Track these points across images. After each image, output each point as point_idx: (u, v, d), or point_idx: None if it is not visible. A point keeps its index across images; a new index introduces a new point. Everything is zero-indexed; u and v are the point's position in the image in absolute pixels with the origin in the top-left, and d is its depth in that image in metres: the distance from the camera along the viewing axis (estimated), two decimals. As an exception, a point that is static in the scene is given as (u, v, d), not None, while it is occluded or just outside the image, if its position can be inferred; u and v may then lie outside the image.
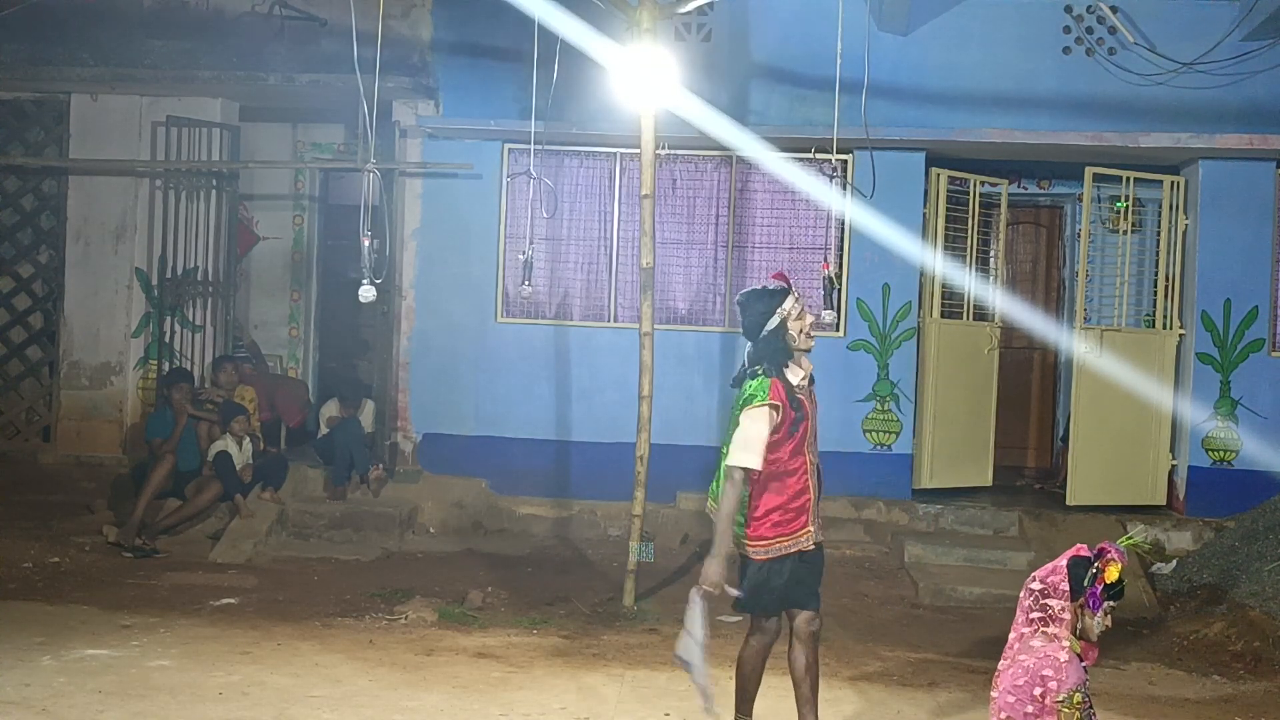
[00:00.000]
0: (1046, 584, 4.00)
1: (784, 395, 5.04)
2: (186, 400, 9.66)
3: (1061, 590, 3.97)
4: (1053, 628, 3.96)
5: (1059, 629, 3.95)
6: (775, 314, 5.07)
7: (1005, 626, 8.36)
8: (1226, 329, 9.89)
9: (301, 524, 9.75)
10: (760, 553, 5.14)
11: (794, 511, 5.12)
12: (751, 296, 5.18)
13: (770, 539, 5.12)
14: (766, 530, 5.12)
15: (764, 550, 5.14)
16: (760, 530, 5.13)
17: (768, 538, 5.12)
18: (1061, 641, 3.93)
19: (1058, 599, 3.97)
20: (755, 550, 5.15)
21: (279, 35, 10.27)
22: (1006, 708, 3.94)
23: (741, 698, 5.35)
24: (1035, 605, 4.01)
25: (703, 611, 5.04)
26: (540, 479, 10.20)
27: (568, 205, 10.36)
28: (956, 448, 10.24)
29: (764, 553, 5.14)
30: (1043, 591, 4.00)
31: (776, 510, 5.11)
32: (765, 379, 5.05)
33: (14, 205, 11.19)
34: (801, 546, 5.14)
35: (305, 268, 12.07)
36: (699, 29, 10.05)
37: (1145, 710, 6.48)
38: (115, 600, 7.75)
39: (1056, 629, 3.95)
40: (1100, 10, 9.75)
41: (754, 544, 5.15)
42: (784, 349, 5.08)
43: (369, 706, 5.98)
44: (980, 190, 10.39)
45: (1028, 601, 4.04)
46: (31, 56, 10.45)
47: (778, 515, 5.11)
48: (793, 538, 5.13)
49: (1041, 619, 3.98)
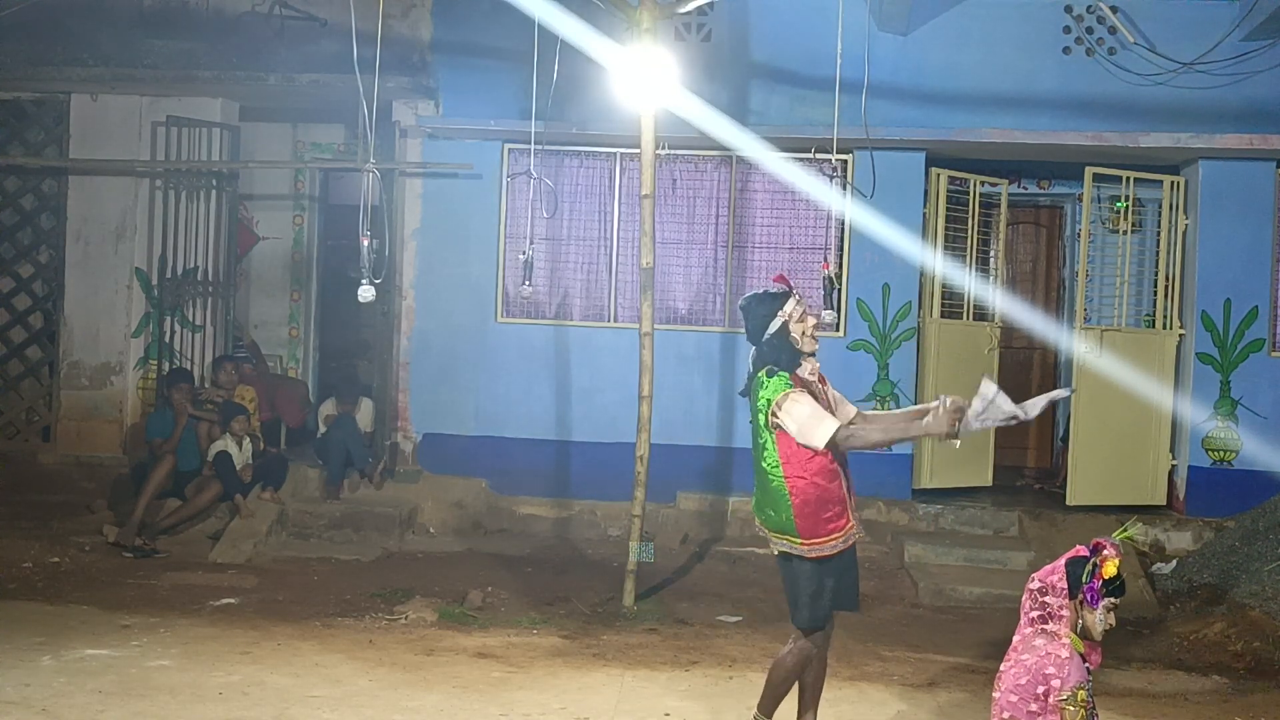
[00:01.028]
0: (1045, 582, 4.00)
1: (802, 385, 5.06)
2: (187, 400, 9.66)
3: (1059, 588, 3.97)
4: (1052, 625, 3.95)
5: (1059, 626, 3.95)
6: (777, 316, 5.07)
7: (1005, 626, 8.35)
8: (1226, 329, 9.89)
9: (301, 524, 9.75)
10: (815, 550, 5.06)
11: (839, 505, 5.08)
12: (753, 300, 5.17)
13: (824, 537, 5.06)
14: (813, 525, 5.04)
15: (819, 548, 5.06)
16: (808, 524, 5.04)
17: (822, 535, 5.06)
18: (1062, 639, 3.93)
19: (1055, 596, 3.97)
20: (812, 549, 5.07)
21: (279, 35, 10.27)
22: (1009, 707, 3.94)
23: (770, 699, 5.29)
24: (1034, 604, 4.01)
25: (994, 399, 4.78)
26: (540, 479, 10.20)
27: (568, 205, 10.36)
28: (956, 448, 10.21)
29: (818, 550, 5.06)
30: (1040, 590, 4.01)
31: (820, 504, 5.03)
32: (784, 374, 5.05)
33: (14, 205, 11.19)
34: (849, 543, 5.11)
35: (305, 268, 12.07)
36: (699, 29, 10.05)
37: (1145, 710, 6.48)
38: (115, 600, 7.75)
39: (1056, 626, 3.95)
40: (1100, 10, 9.75)
41: (810, 543, 5.06)
42: (790, 351, 5.08)
43: (369, 706, 5.98)
44: (980, 190, 10.39)
45: (1027, 603, 4.05)
46: (31, 56, 10.45)
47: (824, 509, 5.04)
48: (844, 533, 5.10)
49: (1040, 617, 3.98)
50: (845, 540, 5.11)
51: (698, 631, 7.64)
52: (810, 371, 5.16)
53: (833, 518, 5.07)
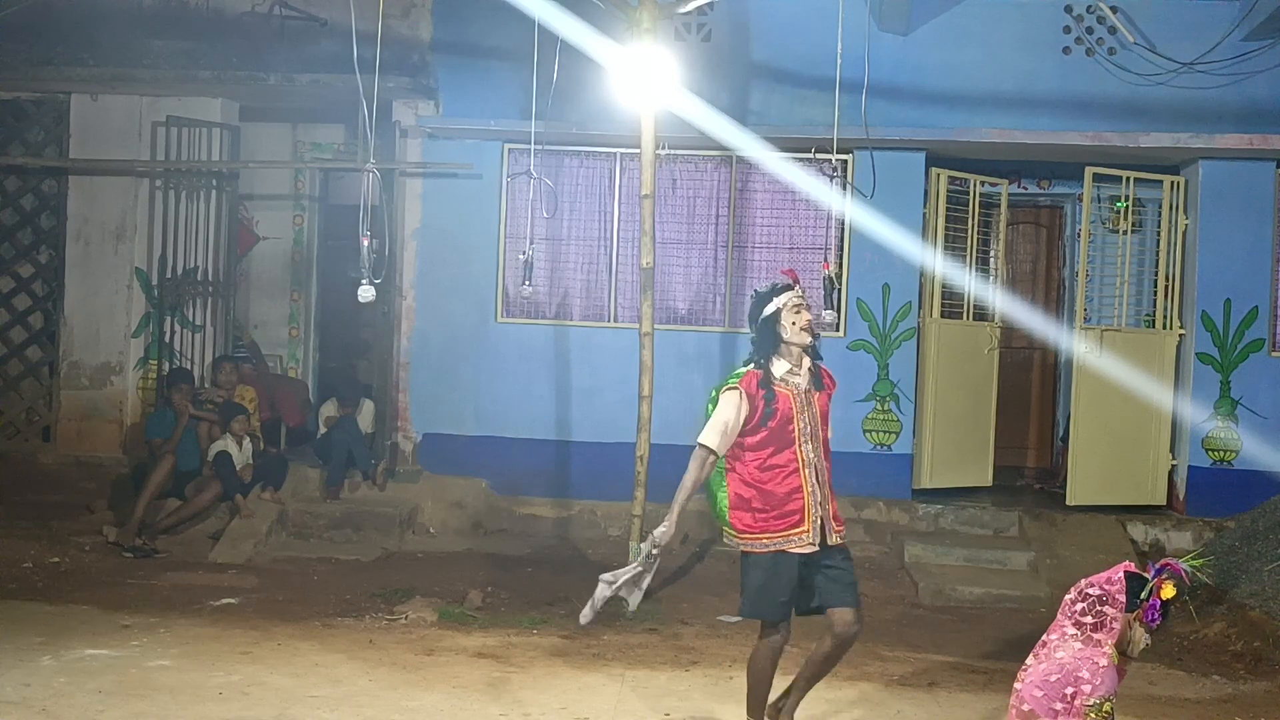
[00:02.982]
0: (1105, 591, 3.97)
1: (755, 386, 5.09)
2: (187, 400, 9.66)
3: (1119, 600, 3.95)
4: (1101, 634, 3.93)
5: (1106, 636, 3.93)
6: (773, 302, 5.16)
7: (1005, 626, 8.38)
8: (1226, 329, 9.90)
9: (301, 524, 9.75)
10: (746, 545, 5.12)
11: (780, 508, 5.08)
12: (760, 289, 5.30)
13: (755, 532, 5.09)
14: (748, 520, 5.09)
15: (749, 543, 5.11)
16: (741, 519, 5.11)
17: (752, 530, 5.09)
18: (1104, 648, 3.91)
19: (1114, 608, 3.95)
20: (742, 541, 5.15)
21: (279, 35, 10.28)
22: (1032, 700, 3.92)
23: (753, 700, 5.32)
24: (1090, 610, 3.98)
25: (635, 570, 5.18)
26: (540, 479, 10.20)
27: (568, 205, 10.36)
28: (956, 448, 10.24)
29: (749, 545, 5.11)
30: (1100, 598, 3.97)
31: (756, 500, 5.09)
32: (744, 368, 5.17)
33: (14, 205, 11.18)
34: (798, 547, 5.08)
35: (305, 268, 12.07)
36: (699, 29, 10.05)
37: (1145, 710, 6.48)
38: (115, 600, 7.75)
39: (1103, 636, 3.93)
40: (1100, 10, 9.75)
41: (739, 534, 5.15)
42: (774, 339, 5.14)
43: (369, 706, 5.98)
44: (980, 190, 10.39)
45: (1080, 605, 4.00)
46: (31, 56, 10.45)
47: (759, 504, 5.08)
48: (783, 535, 5.08)
49: (1093, 624, 3.96)
50: (785, 543, 5.08)
51: (698, 631, 7.64)
52: (792, 371, 5.15)
53: (770, 517, 5.08)
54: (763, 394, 5.08)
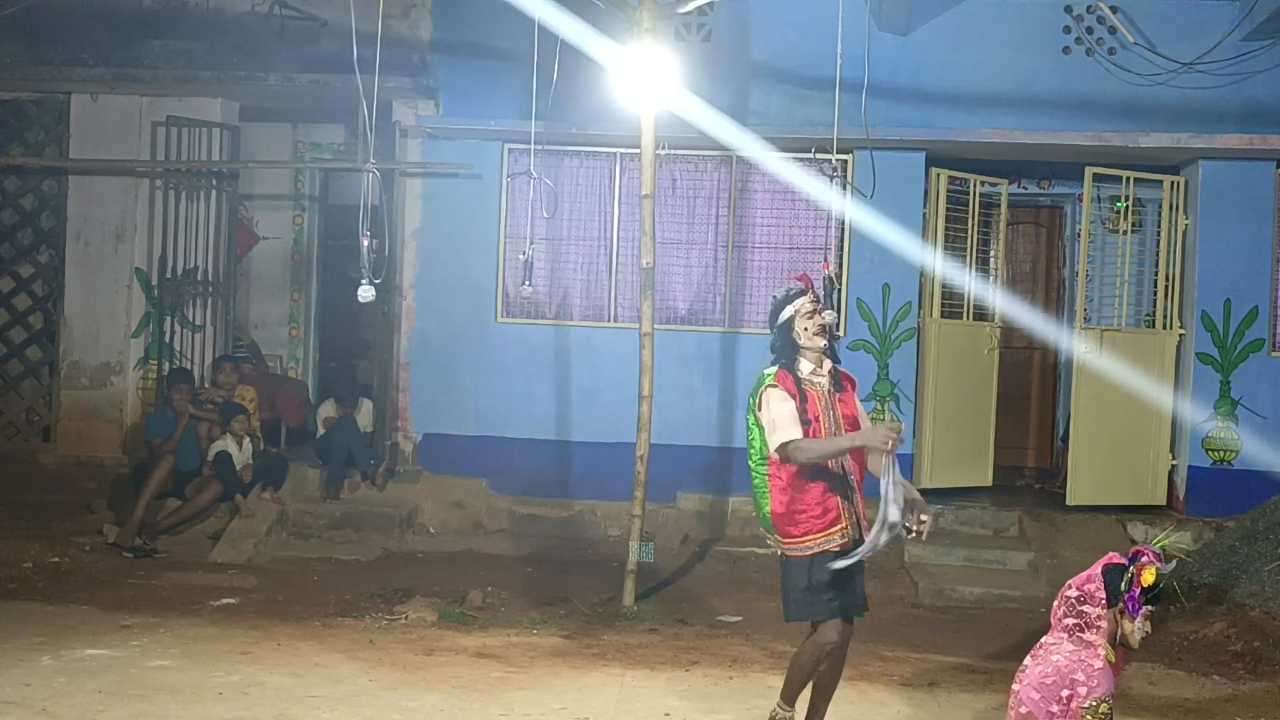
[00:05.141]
0: (1083, 591, 3.96)
1: (792, 385, 5.17)
2: (187, 400, 9.66)
3: (1097, 597, 3.94)
4: (1089, 634, 3.93)
5: (1096, 636, 3.92)
6: (788, 307, 5.31)
7: (1005, 626, 8.38)
8: (1226, 329, 9.89)
9: (301, 524, 9.75)
10: (791, 549, 5.17)
11: (821, 508, 5.14)
12: (776, 294, 5.43)
13: (799, 535, 5.15)
14: (792, 524, 5.14)
15: (793, 546, 5.16)
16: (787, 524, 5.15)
17: (796, 534, 5.15)
18: (1097, 649, 3.91)
19: (1094, 606, 3.94)
20: (786, 546, 5.19)
21: (279, 35, 10.28)
22: (1029, 703, 3.92)
23: (789, 688, 5.39)
24: (1070, 612, 3.97)
25: (894, 468, 4.84)
26: (540, 479, 10.20)
27: (568, 205, 10.36)
28: (956, 448, 10.24)
29: (794, 549, 5.16)
30: (1078, 598, 3.97)
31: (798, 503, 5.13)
32: (774, 369, 5.27)
33: (14, 205, 11.19)
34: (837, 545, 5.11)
35: (305, 268, 12.08)
36: (699, 29, 10.05)
37: (1145, 710, 6.48)
38: (115, 600, 7.75)
39: (1093, 636, 3.93)
40: (1100, 10, 9.75)
41: (784, 540, 5.19)
42: (790, 344, 5.29)
43: (369, 706, 5.98)
44: (980, 190, 10.39)
45: (1061, 609, 4.01)
46: (31, 56, 10.46)
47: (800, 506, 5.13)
48: (824, 534, 5.15)
49: (1076, 625, 3.95)
50: (827, 543, 5.13)
51: (698, 631, 7.64)
52: (815, 372, 5.26)
53: (811, 519, 5.13)
54: (797, 395, 5.16)
